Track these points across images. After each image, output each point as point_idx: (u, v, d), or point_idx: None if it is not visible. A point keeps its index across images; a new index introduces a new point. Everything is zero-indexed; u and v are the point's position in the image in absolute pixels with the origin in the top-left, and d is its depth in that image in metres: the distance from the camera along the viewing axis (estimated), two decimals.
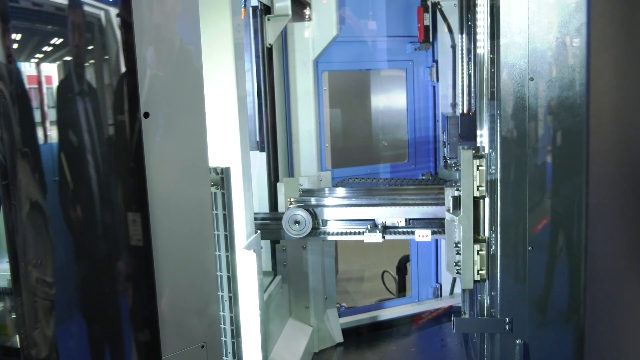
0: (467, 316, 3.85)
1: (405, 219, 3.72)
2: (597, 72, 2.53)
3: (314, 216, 3.74)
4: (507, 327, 2.79)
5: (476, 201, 2.90)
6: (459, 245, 2.97)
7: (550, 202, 2.66)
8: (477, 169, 2.86)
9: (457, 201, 2.95)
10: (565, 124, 2.59)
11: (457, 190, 2.96)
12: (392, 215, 3.71)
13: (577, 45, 2.54)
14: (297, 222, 3.69)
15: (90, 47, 1.74)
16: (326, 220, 3.79)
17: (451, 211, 3.02)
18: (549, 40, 2.57)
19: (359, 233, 3.69)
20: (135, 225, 1.85)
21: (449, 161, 4.05)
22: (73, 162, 1.73)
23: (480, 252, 2.92)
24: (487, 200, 2.87)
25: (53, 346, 1.70)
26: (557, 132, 2.61)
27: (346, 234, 3.73)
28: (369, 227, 3.68)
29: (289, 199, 3.82)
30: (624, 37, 2.58)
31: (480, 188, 2.87)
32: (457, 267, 3.01)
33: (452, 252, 3.04)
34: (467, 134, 3.84)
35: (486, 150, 2.87)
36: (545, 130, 2.62)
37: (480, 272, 2.93)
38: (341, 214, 3.78)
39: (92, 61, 1.74)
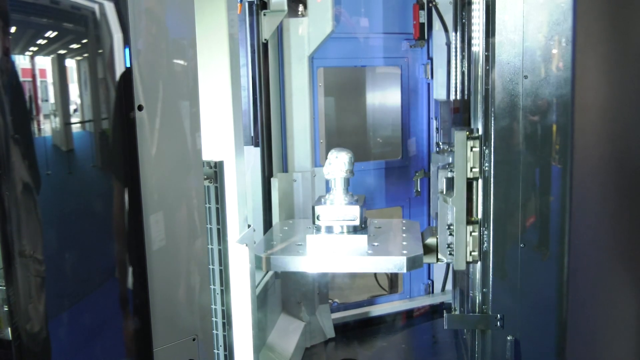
0: (457, 312, 3.87)
1: None
2: (583, 70, 2.54)
3: None
4: (498, 323, 2.81)
5: (469, 183, 2.90)
6: (451, 226, 2.97)
7: (542, 200, 2.67)
8: (471, 150, 2.86)
9: (450, 183, 2.94)
10: (558, 122, 2.60)
11: (451, 172, 2.96)
12: None
13: (564, 45, 2.54)
14: None
15: (84, 40, 1.73)
16: None
17: (444, 193, 3.02)
18: (540, 39, 2.57)
19: None
20: (128, 218, 1.85)
21: (441, 146, 4.05)
22: (66, 154, 1.73)
23: (472, 234, 2.92)
24: (480, 182, 2.87)
25: (44, 336, 1.70)
26: (550, 129, 2.61)
27: None
28: None
29: None
30: (611, 34, 2.58)
31: (473, 170, 2.86)
32: (450, 249, 3.01)
33: (444, 234, 3.04)
34: (460, 120, 3.85)
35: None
36: (538, 128, 2.63)
37: (472, 253, 2.93)
38: None
39: (86, 54, 1.74)
